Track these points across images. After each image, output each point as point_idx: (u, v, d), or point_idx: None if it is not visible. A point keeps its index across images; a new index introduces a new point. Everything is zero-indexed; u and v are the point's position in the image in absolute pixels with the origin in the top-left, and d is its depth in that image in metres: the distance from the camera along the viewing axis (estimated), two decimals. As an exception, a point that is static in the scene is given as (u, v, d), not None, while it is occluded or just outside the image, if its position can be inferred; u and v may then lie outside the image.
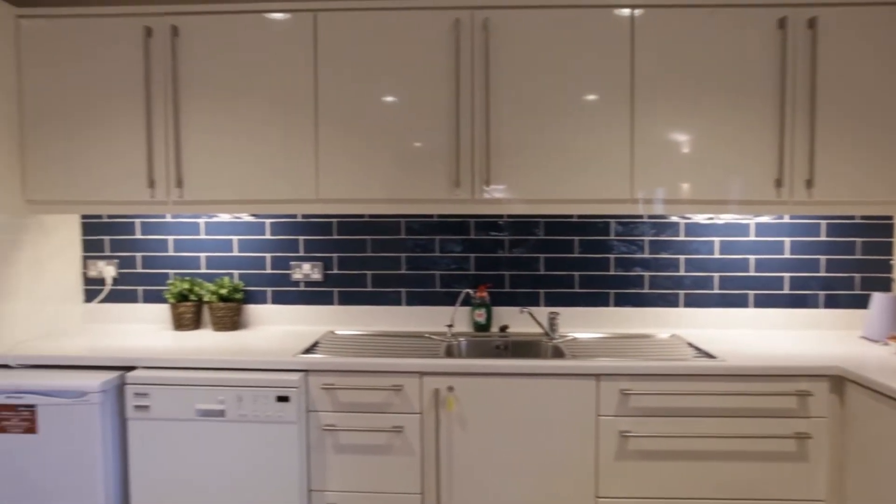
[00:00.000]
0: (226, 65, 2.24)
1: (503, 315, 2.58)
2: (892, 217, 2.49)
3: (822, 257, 2.52)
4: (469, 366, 2.02)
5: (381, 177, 2.24)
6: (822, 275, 2.52)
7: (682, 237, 2.54)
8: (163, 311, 2.65)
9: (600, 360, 2.04)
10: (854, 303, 2.52)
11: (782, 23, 2.13)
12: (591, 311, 2.56)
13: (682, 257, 2.55)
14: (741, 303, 2.54)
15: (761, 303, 2.54)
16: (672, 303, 2.56)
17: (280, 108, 2.24)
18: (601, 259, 2.57)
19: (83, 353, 2.13)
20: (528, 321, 2.57)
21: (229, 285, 2.54)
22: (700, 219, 2.53)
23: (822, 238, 2.51)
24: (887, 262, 2.51)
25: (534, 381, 2.01)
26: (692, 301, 2.55)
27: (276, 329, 2.57)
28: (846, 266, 2.52)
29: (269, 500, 2.01)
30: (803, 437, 1.98)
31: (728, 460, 2.00)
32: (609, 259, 2.57)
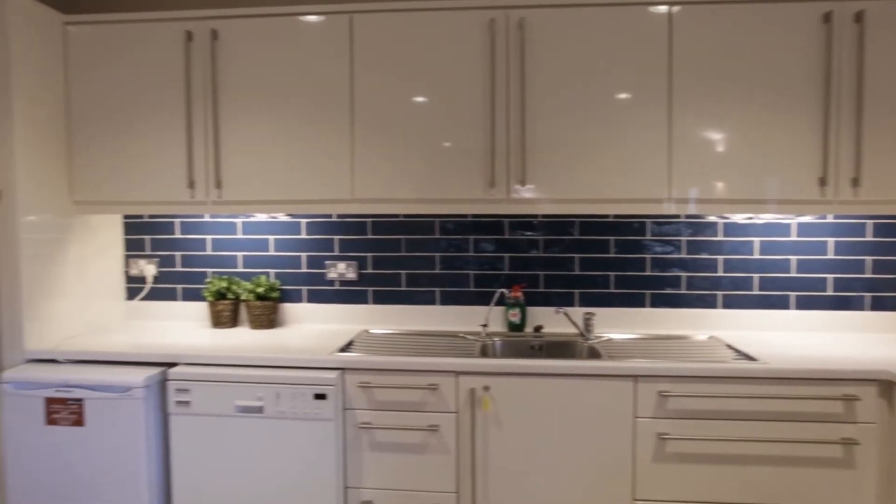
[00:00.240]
0: (263, 67, 2.27)
1: (537, 315, 2.56)
2: (942, 216, 2.41)
3: (868, 258, 2.44)
4: (506, 366, 2.01)
5: (416, 176, 2.25)
6: (868, 276, 2.45)
7: (721, 237, 2.49)
8: (201, 308, 2.70)
9: (638, 361, 2.01)
10: (902, 305, 2.45)
11: (827, 17, 2.07)
12: (626, 311, 2.53)
13: (721, 258, 2.50)
14: (782, 304, 2.48)
15: (803, 304, 2.47)
16: (710, 304, 2.51)
17: (316, 109, 2.27)
18: (637, 259, 2.53)
19: (127, 349, 2.18)
20: (562, 321, 2.56)
21: (266, 284, 2.58)
22: (739, 219, 2.48)
23: (869, 238, 2.44)
24: (937, 263, 2.43)
25: (570, 381, 2.00)
26: (730, 302, 2.50)
27: (311, 327, 2.60)
28: (894, 267, 2.44)
29: (306, 495, 2.03)
30: (850, 444, 1.92)
31: (770, 465, 1.95)
32: (645, 259, 2.53)
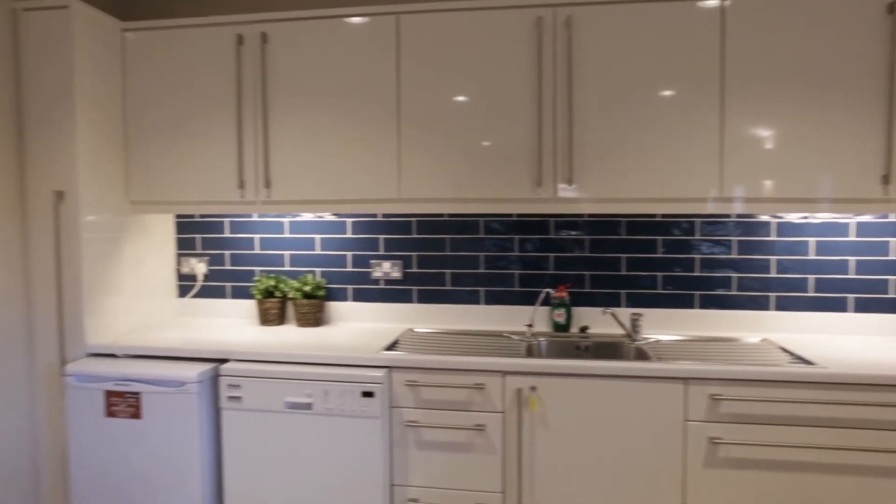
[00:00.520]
0: (312, 68, 2.31)
1: (583, 315, 2.54)
2: None
3: (933, 259, 2.34)
4: (553, 366, 2.00)
5: (461, 176, 2.25)
6: (932, 278, 2.35)
7: (774, 237, 2.42)
8: (249, 306, 2.76)
9: (688, 363, 1.97)
10: (969, 308, 2.33)
11: (891, 8, 1.99)
12: (675, 312, 2.48)
13: (774, 258, 2.43)
14: (839, 307, 2.40)
15: (862, 307, 2.38)
16: (762, 305, 2.44)
17: (364, 110, 2.29)
18: (686, 259, 2.48)
19: (180, 345, 2.25)
20: (607, 322, 2.52)
21: (312, 283, 2.62)
22: (793, 218, 2.41)
23: (933, 238, 2.34)
24: None
25: (619, 383, 1.97)
26: (784, 304, 2.43)
27: (356, 326, 2.63)
28: (960, 269, 2.33)
29: (353, 491, 2.06)
30: (915, 452, 1.85)
31: (828, 473, 1.89)
32: (694, 259, 2.48)
